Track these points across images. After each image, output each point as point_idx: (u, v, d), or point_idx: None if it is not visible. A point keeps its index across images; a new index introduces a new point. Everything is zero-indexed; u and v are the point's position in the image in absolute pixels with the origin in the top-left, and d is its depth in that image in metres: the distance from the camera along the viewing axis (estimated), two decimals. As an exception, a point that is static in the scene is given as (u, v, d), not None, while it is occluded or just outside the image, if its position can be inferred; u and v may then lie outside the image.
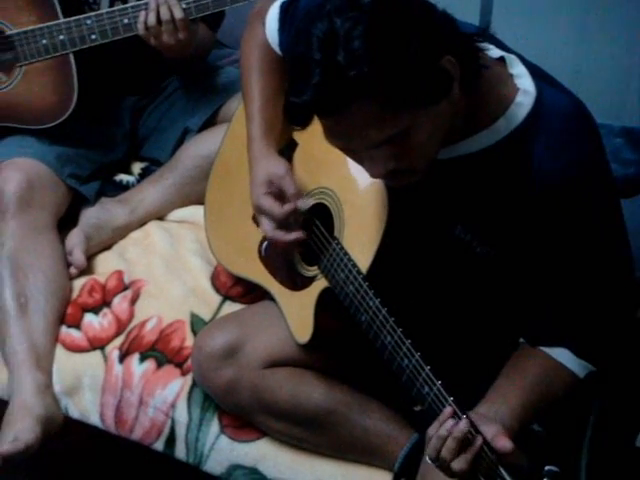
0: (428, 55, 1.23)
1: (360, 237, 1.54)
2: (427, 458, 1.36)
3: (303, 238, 1.61)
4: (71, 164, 2.05)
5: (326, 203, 1.63)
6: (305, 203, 1.61)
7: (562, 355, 1.44)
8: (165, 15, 1.88)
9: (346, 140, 1.29)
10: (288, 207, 1.60)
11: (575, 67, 2.15)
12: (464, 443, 1.31)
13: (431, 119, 1.27)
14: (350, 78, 1.20)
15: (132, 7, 1.91)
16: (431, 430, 1.34)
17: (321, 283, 1.60)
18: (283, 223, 1.61)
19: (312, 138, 1.66)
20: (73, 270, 1.97)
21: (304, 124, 1.30)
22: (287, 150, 1.73)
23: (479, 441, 1.30)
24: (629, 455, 1.57)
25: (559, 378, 1.44)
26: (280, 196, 1.62)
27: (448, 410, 1.33)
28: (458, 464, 1.30)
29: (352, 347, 1.63)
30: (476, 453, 1.30)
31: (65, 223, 2.03)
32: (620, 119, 2.15)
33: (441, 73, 1.26)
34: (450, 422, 1.32)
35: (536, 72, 1.40)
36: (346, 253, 1.54)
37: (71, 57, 1.97)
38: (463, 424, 1.31)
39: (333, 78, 1.21)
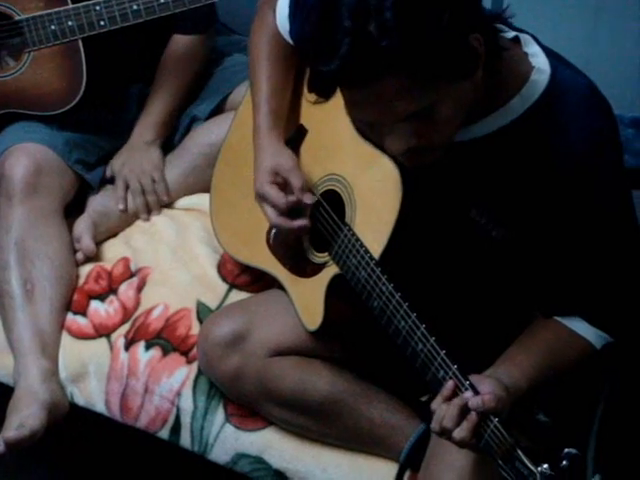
0: (458, 30, 1.23)
1: (372, 223, 1.53)
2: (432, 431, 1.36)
3: (307, 226, 1.60)
4: (79, 150, 2.04)
5: (337, 190, 1.62)
6: (311, 198, 1.60)
7: (576, 324, 1.44)
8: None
9: (370, 113, 1.28)
10: (292, 198, 1.59)
11: (585, 58, 2.13)
12: (464, 411, 1.30)
13: (456, 96, 1.27)
14: (381, 49, 1.19)
15: (141, -7, 1.90)
16: (434, 404, 1.34)
17: (332, 269, 1.59)
18: (287, 212, 1.60)
19: (322, 125, 1.65)
20: (80, 256, 1.97)
21: (327, 95, 1.28)
22: (295, 137, 1.73)
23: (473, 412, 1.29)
24: (636, 443, 1.56)
25: (573, 345, 1.44)
26: (284, 186, 1.62)
27: (450, 383, 1.34)
28: (460, 433, 1.30)
29: (361, 335, 1.63)
30: (476, 422, 1.29)
31: (72, 210, 2.03)
32: (631, 110, 2.14)
33: (469, 50, 1.25)
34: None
35: (550, 52, 1.40)
36: (358, 239, 1.53)
37: (80, 43, 1.96)
38: (467, 393, 1.31)
39: (364, 48, 1.20)
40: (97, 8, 1.92)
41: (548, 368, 1.42)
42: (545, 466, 1.23)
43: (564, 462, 1.22)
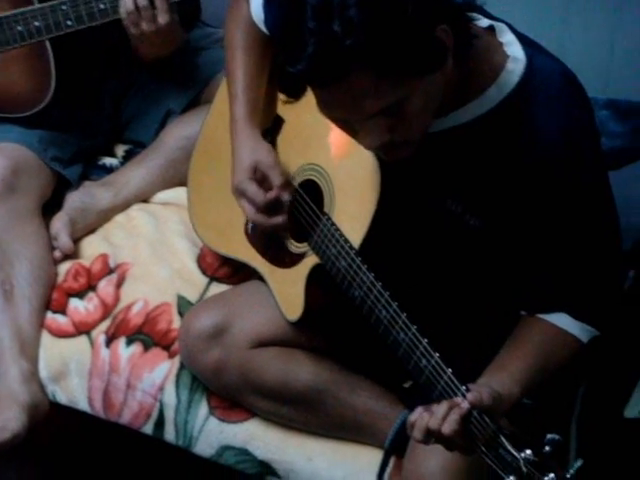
0: (423, 24, 1.22)
1: (351, 212, 1.53)
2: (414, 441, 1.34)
3: (285, 223, 1.60)
4: (53, 147, 2.03)
5: (315, 179, 1.62)
6: (289, 195, 1.60)
7: (561, 319, 1.44)
8: (142, 0, 1.86)
9: (341, 111, 1.28)
10: (270, 195, 1.59)
11: (558, 41, 2.14)
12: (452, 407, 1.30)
13: (426, 89, 1.27)
14: (346, 47, 1.19)
15: (108, -8, 1.89)
16: (412, 416, 1.32)
17: (311, 259, 1.59)
18: (265, 209, 1.60)
19: (299, 114, 1.65)
20: (57, 254, 1.95)
21: (297, 95, 1.28)
22: (273, 128, 1.72)
23: (465, 402, 1.28)
24: (617, 426, 1.57)
25: (561, 343, 1.44)
26: (263, 181, 1.61)
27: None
28: (448, 427, 1.27)
29: (342, 324, 1.63)
30: (464, 412, 1.28)
31: (49, 208, 2.01)
32: (605, 92, 2.14)
33: (436, 42, 1.25)
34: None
35: (525, 40, 1.40)
36: (337, 229, 1.53)
37: (47, 43, 1.94)
38: (457, 398, 1.30)
39: (329, 48, 1.20)
40: (63, 8, 1.90)
41: (540, 370, 1.41)
42: (528, 452, 1.23)
43: (547, 448, 1.22)
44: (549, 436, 1.22)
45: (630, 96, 2.12)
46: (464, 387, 1.31)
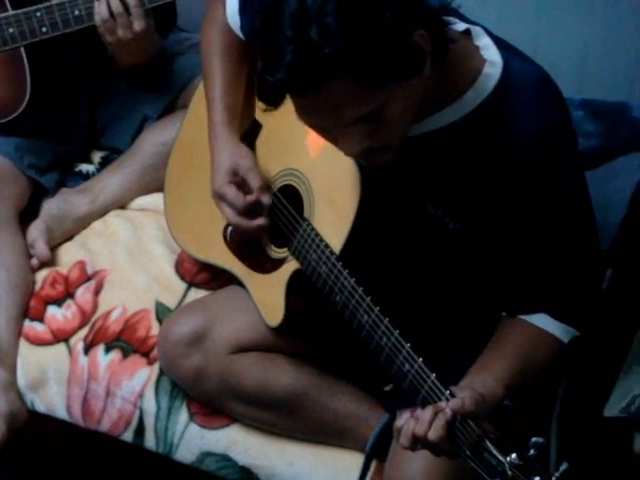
0: (401, 30, 1.22)
1: (331, 217, 1.53)
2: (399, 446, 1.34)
3: (266, 225, 1.60)
4: (30, 154, 2.02)
5: (294, 184, 1.62)
6: (269, 198, 1.60)
7: (541, 320, 1.44)
8: (117, 7, 1.85)
9: (320, 118, 1.28)
10: (250, 198, 1.59)
11: (533, 41, 2.15)
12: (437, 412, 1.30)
13: (404, 95, 1.27)
14: (324, 55, 1.19)
15: (83, -1, 1.88)
16: (399, 421, 1.32)
17: (292, 265, 1.59)
18: (245, 212, 1.59)
19: (277, 119, 1.63)
20: (34, 262, 1.95)
21: (277, 104, 1.28)
22: (250, 133, 1.72)
23: (448, 408, 1.28)
24: (598, 425, 1.58)
25: (542, 343, 1.44)
26: (242, 185, 1.61)
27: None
28: (434, 433, 1.28)
29: (323, 329, 1.63)
30: (448, 418, 1.28)
31: (25, 215, 2.00)
32: (580, 92, 2.15)
33: (414, 48, 1.25)
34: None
35: (501, 43, 1.40)
36: (317, 234, 1.53)
37: (22, 50, 1.93)
38: (441, 403, 1.30)
39: (307, 56, 1.19)
40: (38, 14, 1.89)
41: (522, 371, 1.41)
42: (513, 456, 1.23)
43: (532, 451, 1.23)
44: (533, 439, 1.23)
45: (605, 96, 2.13)
46: (448, 391, 1.31)
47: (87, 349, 1.82)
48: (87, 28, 1.90)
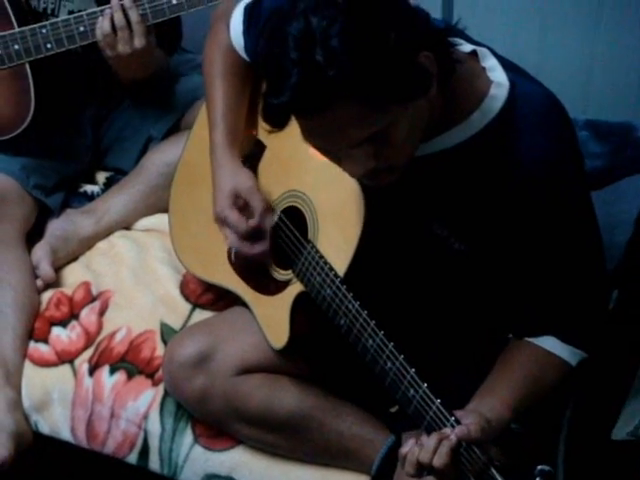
0: (406, 51, 1.22)
1: (336, 239, 1.52)
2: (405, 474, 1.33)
3: (268, 250, 1.60)
4: (35, 175, 2.03)
5: (298, 206, 1.61)
6: (271, 221, 1.60)
7: (549, 343, 1.44)
8: (119, 21, 1.86)
9: (326, 140, 1.28)
10: (253, 222, 1.59)
11: (538, 61, 2.16)
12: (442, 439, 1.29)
13: (410, 116, 1.27)
14: (330, 78, 1.19)
15: (88, 15, 1.89)
16: (404, 448, 1.32)
17: (296, 287, 1.58)
18: (247, 236, 1.59)
19: (281, 140, 1.63)
20: (39, 283, 1.94)
21: (282, 125, 1.28)
22: (254, 154, 1.72)
23: (453, 435, 1.28)
24: (606, 448, 1.57)
25: (549, 366, 1.44)
26: (245, 209, 1.61)
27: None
28: (439, 460, 1.28)
29: (327, 350, 1.62)
30: (453, 445, 1.27)
31: (30, 236, 2.00)
32: (585, 112, 2.15)
33: (420, 69, 1.25)
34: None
35: (507, 64, 1.40)
36: (322, 256, 1.53)
37: (27, 67, 1.94)
38: (446, 429, 1.29)
39: (312, 78, 1.19)
40: (43, 31, 1.90)
41: (529, 394, 1.41)
42: None
43: (537, 479, 1.22)
44: (539, 467, 1.22)
45: (609, 117, 2.13)
46: (453, 418, 1.30)
47: (92, 370, 1.82)
48: (90, 45, 1.91)
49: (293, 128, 1.29)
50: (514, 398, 1.38)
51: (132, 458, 1.78)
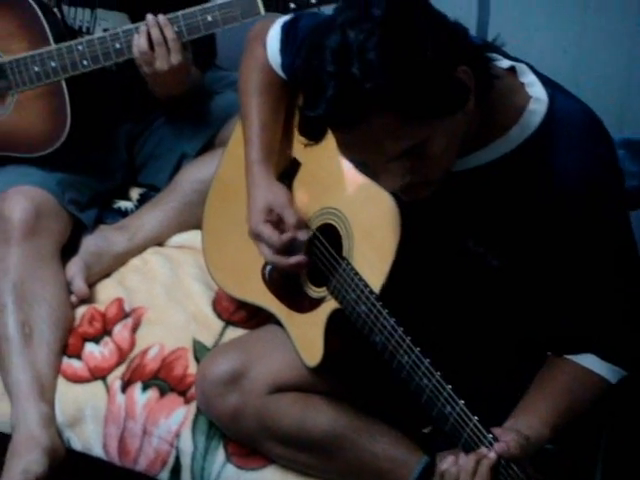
0: (443, 65, 1.22)
1: (371, 256, 1.52)
2: None
3: (304, 262, 1.59)
4: (71, 190, 2.04)
5: (333, 223, 1.61)
6: (305, 234, 1.59)
7: (588, 360, 1.43)
8: (157, 37, 1.87)
9: (362, 154, 1.27)
10: (286, 236, 1.59)
11: (574, 79, 2.14)
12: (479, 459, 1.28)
13: (447, 131, 1.26)
14: (366, 90, 1.19)
15: (123, 32, 1.90)
16: (444, 464, 1.31)
17: (331, 304, 1.58)
18: (282, 250, 1.59)
19: (316, 157, 1.64)
20: (74, 299, 1.95)
21: (318, 138, 1.28)
22: (289, 171, 1.72)
23: (492, 453, 1.27)
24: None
25: (588, 384, 1.43)
26: (279, 223, 1.61)
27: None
28: (479, 479, 1.27)
29: (361, 369, 1.61)
30: (492, 463, 1.26)
31: (64, 251, 2.01)
32: (621, 131, 2.14)
33: (457, 83, 1.24)
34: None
35: (546, 80, 1.40)
36: (357, 273, 1.52)
37: (63, 84, 1.96)
38: (483, 449, 1.28)
39: (349, 91, 1.19)
40: (79, 48, 1.92)
41: (568, 411, 1.40)
42: None
43: None
44: None
45: (646, 135, 2.11)
46: (491, 435, 1.29)
47: (124, 387, 1.81)
48: (125, 62, 1.92)
49: (328, 144, 1.29)
50: (552, 415, 1.37)
51: (164, 476, 1.77)
